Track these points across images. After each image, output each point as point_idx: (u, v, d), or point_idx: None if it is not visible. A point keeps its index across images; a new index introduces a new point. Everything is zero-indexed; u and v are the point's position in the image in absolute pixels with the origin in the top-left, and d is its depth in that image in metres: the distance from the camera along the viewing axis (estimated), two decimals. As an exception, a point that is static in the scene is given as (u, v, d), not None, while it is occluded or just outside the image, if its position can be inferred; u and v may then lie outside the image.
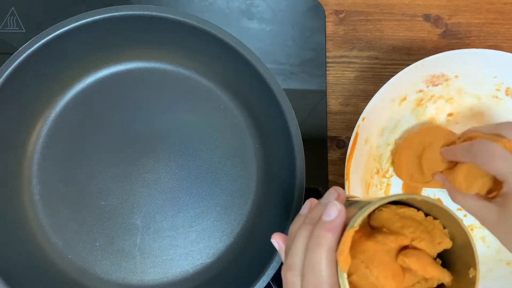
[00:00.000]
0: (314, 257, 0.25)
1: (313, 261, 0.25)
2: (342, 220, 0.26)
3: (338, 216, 0.26)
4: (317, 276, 0.25)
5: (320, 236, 0.25)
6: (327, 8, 0.50)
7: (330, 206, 0.26)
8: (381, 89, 0.39)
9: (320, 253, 0.25)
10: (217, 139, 0.44)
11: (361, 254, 0.25)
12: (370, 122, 0.40)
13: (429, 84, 0.42)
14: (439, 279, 0.26)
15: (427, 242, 0.26)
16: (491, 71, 0.41)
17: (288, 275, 0.27)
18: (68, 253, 0.41)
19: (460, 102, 0.44)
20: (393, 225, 0.26)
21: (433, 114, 0.45)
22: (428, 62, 0.39)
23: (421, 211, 0.27)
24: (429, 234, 0.26)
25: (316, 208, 0.28)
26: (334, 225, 0.25)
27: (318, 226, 0.26)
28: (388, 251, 0.25)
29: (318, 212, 0.28)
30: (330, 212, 0.26)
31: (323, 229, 0.25)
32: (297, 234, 0.27)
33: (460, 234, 0.26)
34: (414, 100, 0.43)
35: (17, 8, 0.47)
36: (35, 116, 0.43)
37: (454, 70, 0.41)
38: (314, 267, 0.25)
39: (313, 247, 0.25)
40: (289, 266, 0.27)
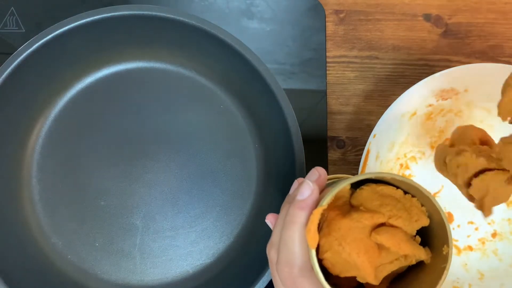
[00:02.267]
0: (287, 234, 0.26)
1: (286, 238, 0.26)
2: (314, 198, 0.27)
3: (311, 195, 0.27)
4: (289, 252, 0.26)
5: (293, 214, 0.26)
6: (327, 8, 0.50)
7: (303, 185, 0.27)
8: (392, 105, 0.39)
9: (293, 230, 0.26)
10: (217, 139, 0.44)
11: (335, 232, 0.26)
12: (380, 138, 0.40)
13: (438, 98, 0.42)
14: (415, 256, 0.26)
15: (404, 220, 0.26)
16: (501, 85, 0.41)
17: (271, 252, 0.28)
18: (67, 254, 0.41)
19: (470, 115, 0.44)
20: (371, 204, 0.27)
21: (442, 128, 0.45)
22: (438, 77, 0.39)
23: (400, 189, 0.28)
24: (406, 211, 0.26)
25: (296, 188, 0.29)
26: (306, 204, 0.26)
27: (292, 205, 0.27)
28: (363, 228, 0.26)
29: (296, 192, 0.28)
30: (303, 191, 0.27)
31: (296, 207, 0.26)
32: (280, 213, 0.29)
33: (435, 212, 0.26)
34: (424, 115, 0.43)
35: (17, 8, 0.47)
36: (35, 116, 0.43)
37: (464, 84, 0.41)
38: (287, 244, 0.26)
39: (287, 225, 0.26)
40: (271, 243, 0.28)
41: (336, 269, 0.26)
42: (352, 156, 0.47)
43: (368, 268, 0.25)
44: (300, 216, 0.26)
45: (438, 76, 0.39)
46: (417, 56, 0.49)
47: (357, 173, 0.40)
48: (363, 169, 0.40)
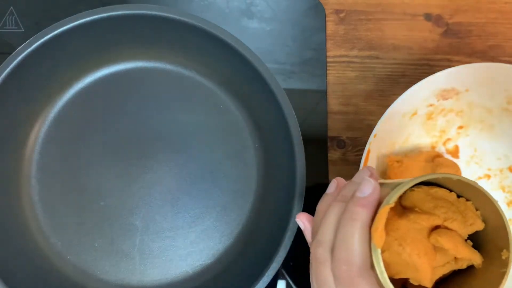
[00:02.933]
0: (346, 232, 0.25)
1: (346, 236, 0.25)
2: (376, 197, 0.26)
3: (373, 193, 0.26)
4: (349, 250, 0.25)
5: (354, 211, 0.25)
6: (328, 8, 0.50)
7: (365, 182, 0.26)
8: (392, 105, 0.39)
9: (354, 228, 0.25)
10: (217, 139, 0.44)
11: (394, 232, 0.25)
12: (381, 138, 0.40)
13: (439, 98, 0.42)
14: (470, 260, 0.26)
15: (459, 223, 0.26)
16: (502, 84, 0.41)
17: (319, 251, 0.27)
18: (67, 254, 0.41)
19: (471, 115, 0.44)
20: (425, 205, 0.26)
21: (443, 127, 0.45)
22: (439, 77, 0.39)
23: (453, 192, 0.27)
24: (461, 215, 0.26)
25: (348, 186, 0.29)
26: (368, 201, 0.26)
27: (352, 202, 0.26)
28: (421, 230, 0.26)
29: (350, 189, 0.28)
30: (364, 189, 0.26)
31: (357, 205, 0.26)
32: (329, 211, 0.28)
33: (494, 215, 0.25)
34: (425, 114, 0.43)
35: (16, 7, 0.47)
36: (34, 116, 0.43)
37: (465, 84, 0.41)
38: (346, 242, 0.25)
39: (346, 222, 0.25)
40: (320, 242, 0.27)
41: (392, 270, 0.25)
42: (352, 156, 0.47)
43: (427, 270, 0.25)
44: (361, 214, 0.25)
45: (438, 75, 0.39)
46: (418, 55, 0.49)
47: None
48: (364, 165, 0.39)
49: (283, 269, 0.43)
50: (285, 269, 0.43)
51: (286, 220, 0.38)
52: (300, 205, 0.38)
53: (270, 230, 0.40)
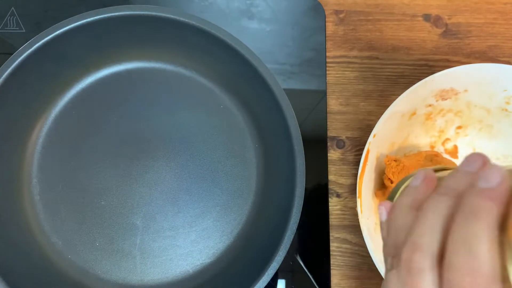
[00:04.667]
0: (468, 233, 0.19)
1: (468, 237, 0.19)
2: (507, 187, 0.20)
3: (503, 182, 0.19)
4: (473, 256, 0.19)
5: (477, 205, 0.20)
6: (327, 8, 0.50)
7: (491, 170, 0.20)
8: (391, 105, 0.39)
9: (479, 226, 0.19)
10: (217, 139, 0.44)
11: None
12: (380, 138, 0.40)
13: (438, 98, 0.42)
14: None
15: None
16: (501, 85, 0.41)
17: (416, 257, 0.21)
18: (68, 253, 0.41)
19: (469, 115, 0.44)
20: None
21: (442, 127, 0.45)
22: (438, 77, 0.39)
23: None
24: None
25: (455, 176, 0.22)
26: (498, 194, 0.19)
27: (473, 195, 0.20)
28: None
29: (460, 180, 0.22)
30: (491, 177, 0.20)
31: (483, 197, 0.20)
32: (428, 207, 0.22)
33: None
34: (424, 114, 0.43)
35: (17, 8, 0.47)
36: (35, 116, 0.43)
37: (464, 84, 0.41)
38: (470, 246, 0.19)
39: (467, 219, 0.20)
40: (417, 245, 0.21)
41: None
42: (352, 156, 0.47)
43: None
44: (489, 210, 0.19)
45: (437, 76, 0.39)
46: (417, 56, 0.49)
47: (356, 172, 0.40)
48: (363, 169, 0.40)
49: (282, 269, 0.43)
50: (284, 268, 0.43)
51: (286, 220, 0.38)
52: (300, 205, 0.38)
53: (270, 230, 0.40)
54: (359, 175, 0.39)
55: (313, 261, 0.44)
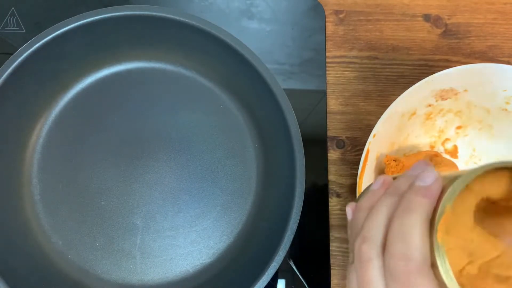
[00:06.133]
0: (404, 224, 0.22)
1: (403, 229, 0.22)
2: (438, 187, 0.23)
3: (436, 182, 0.23)
4: (406, 244, 0.22)
5: (413, 201, 0.23)
6: (327, 8, 0.50)
7: (426, 171, 0.23)
8: (391, 105, 0.39)
9: (412, 219, 0.22)
10: (217, 139, 0.44)
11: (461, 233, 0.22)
12: (380, 138, 0.40)
13: (438, 98, 0.42)
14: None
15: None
16: (501, 85, 0.41)
17: (364, 248, 0.24)
18: (68, 253, 0.41)
19: (469, 115, 0.44)
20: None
21: (442, 127, 0.45)
22: (438, 77, 0.39)
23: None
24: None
25: (401, 179, 0.26)
26: (431, 191, 0.23)
27: (411, 192, 0.23)
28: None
29: (404, 182, 0.25)
30: (426, 177, 0.23)
31: (418, 194, 0.23)
32: (377, 205, 0.25)
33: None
34: (424, 114, 0.43)
35: (17, 8, 0.47)
36: (35, 116, 0.43)
37: (464, 84, 0.41)
38: (404, 235, 0.22)
39: (403, 214, 0.23)
40: (366, 237, 0.24)
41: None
42: (351, 156, 0.47)
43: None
44: (423, 205, 0.22)
45: (437, 76, 0.39)
46: (417, 56, 0.49)
47: (356, 172, 0.40)
48: (362, 169, 0.40)
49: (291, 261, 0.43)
50: (284, 268, 0.43)
51: (286, 220, 0.38)
52: (300, 205, 0.38)
53: (270, 229, 0.40)
54: (359, 175, 0.39)
55: (313, 261, 0.44)
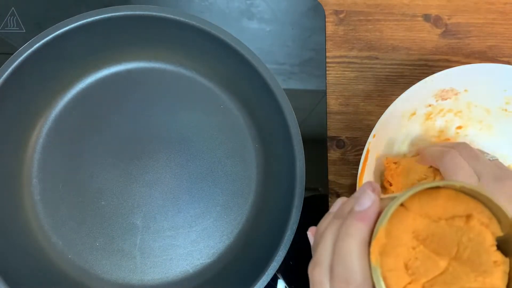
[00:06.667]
0: (343, 248, 0.23)
1: (343, 253, 0.23)
2: (375, 210, 0.24)
3: (372, 206, 0.24)
4: (347, 268, 0.23)
5: (350, 225, 0.24)
6: (327, 8, 0.50)
7: (363, 196, 0.24)
8: (391, 106, 0.39)
9: (351, 243, 0.23)
10: (217, 139, 0.44)
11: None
12: (380, 138, 0.40)
13: (438, 98, 0.42)
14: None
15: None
16: (501, 85, 0.41)
17: (315, 272, 0.25)
18: (68, 253, 0.41)
19: (469, 115, 0.44)
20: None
21: (442, 127, 0.45)
22: (438, 77, 0.39)
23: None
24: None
25: (347, 202, 0.27)
26: (367, 215, 0.24)
27: (349, 216, 0.24)
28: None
29: (349, 205, 0.26)
30: (363, 202, 0.24)
31: (354, 218, 0.24)
32: (326, 229, 0.26)
33: (506, 223, 0.23)
34: (424, 115, 0.43)
35: (17, 8, 0.47)
36: (35, 116, 0.43)
37: (464, 84, 0.41)
38: (344, 259, 0.23)
39: (343, 238, 0.24)
40: (316, 262, 0.25)
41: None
42: (352, 156, 0.47)
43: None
44: (359, 228, 0.23)
45: (437, 76, 0.39)
46: (417, 56, 0.50)
47: (356, 172, 0.40)
48: (362, 169, 0.40)
49: (281, 268, 0.43)
50: (284, 268, 0.43)
51: (286, 220, 0.38)
52: (300, 205, 0.38)
53: (270, 229, 0.40)
54: (359, 176, 0.39)
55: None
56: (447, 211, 0.24)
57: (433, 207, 0.24)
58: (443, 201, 0.24)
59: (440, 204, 0.24)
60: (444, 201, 0.24)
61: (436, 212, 0.24)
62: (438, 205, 0.24)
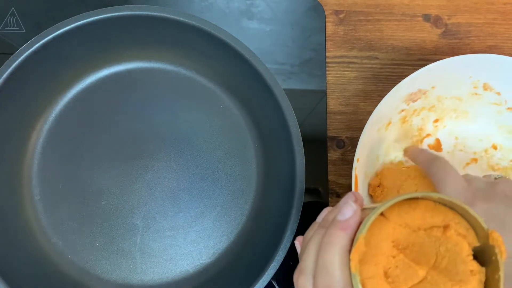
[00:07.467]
0: (325, 256, 0.24)
1: (325, 261, 0.24)
2: (356, 220, 0.25)
3: (353, 216, 0.25)
4: (329, 275, 0.24)
5: (332, 235, 0.25)
6: (327, 8, 0.50)
7: (345, 206, 0.26)
8: (364, 128, 0.39)
9: (332, 252, 0.24)
10: (217, 139, 0.44)
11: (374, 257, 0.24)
12: (364, 159, 0.41)
13: (409, 101, 0.43)
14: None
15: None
16: (465, 73, 0.42)
17: (300, 280, 0.26)
18: (68, 253, 0.41)
19: (442, 107, 0.45)
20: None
21: (420, 125, 0.45)
22: (403, 85, 0.40)
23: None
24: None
25: (331, 212, 0.28)
26: (348, 224, 0.25)
27: (331, 226, 0.25)
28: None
29: (332, 215, 0.27)
30: (345, 212, 0.25)
31: (337, 227, 0.25)
32: (311, 239, 0.27)
33: (482, 234, 0.24)
34: (399, 120, 0.44)
35: (17, 8, 0.47)
36: (35, 116, 0.43)
37: (430, 83, 0.42)
38: (326, 267, 0.24)
39: (325, 246, 0.25)
40: (301, 270, 0.26)
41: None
42: (351, 156, 0.47)
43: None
44: (341, 237, 0.24)
45: (402, 84, 0.40)
46: (417, 56, 0.50)
47: (356, 173, 0.40)
48: (355, 190, 0.40)
49: (281, 269, 0.43)
50: (284, 268, 0.43)
51: (286, 220, 0.38)
52: (300, 205, 0.38)
53: (270, 229, 0.40)
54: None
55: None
56: (426, 221, 0.25)
57: (412, 217, 0.25)
58: (422, 212, 0.25)
59: (418, 215, 0.25)
60: (423, 211, 0.25)
61: (415, 222, 0.25)
62: (417, 216, 0.25)
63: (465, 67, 0.41)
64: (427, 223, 0.25)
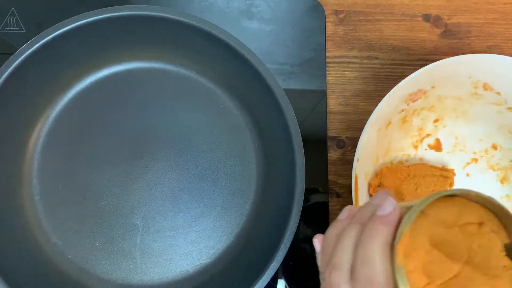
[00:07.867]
0: (367, 250, 0.25)
1: (366, 254, 0.24)
2: (397, 215, 0.25)
3: (393, 211, 0.26)
4: (370, 268, 0.24)
5: (374, 229, 0.25)
6: (327, 8, 0.50)
7: (385, 202, 0.26)
8: (364, 129, 0.39)
9: (374, 245, 0.24)
10: (217, 139, 0.44)
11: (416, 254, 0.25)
12: (364, 159, 0.41)
13: (409, 102, 0.43)
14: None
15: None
16: (464, 73, 0.42)
17: (334, 275, 0.26)
18: (68, 253, 0.41)
19: (442, 107, 0.45)
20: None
21: (420, 125, 0.45)
22: (403, 85, 0.40)
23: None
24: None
25: (365, 209, 0.28)
26: (390, 219, 0.25)
27: (372, 221, 0.26)
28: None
29: (367, 211, 0.27)
30: (386, 207, 0.26)
31: (378, 222, 0.25)
32: (344, 234, 0.27)
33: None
34: (399, 120, 0.44)
35: (17, 8, 0.47)
36: (35, 116, 0.43)
37: (430, 82, 0.42)
38: (367, 260, 0.24)
39: (366, 240, 0.25)
40: (336, 265, 0.26)
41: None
42: (351, 156, 0.47)
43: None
44: (383, 231, 0.25)
45: (402, 85, 0.40)
46: (417, 56, 0.50)
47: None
48: (355, 194, 0.40)
49: (282, 268, 0.43)
50: (284, 268, 0.43)
51: (286, 220, 0.38)
52: (300, 205, 0.38)
53: (270, 229, 0.40)
54: (354, 200, 0.39)
55: (313, 261, 0.44)
56: (461, 218, 0.26)
57: (449, 213, 0.26)
58: (458, 209, 0.26)
59: (455, 211, 0.26)
60: (459, 208, 0.26)
61: (451, 218, 0.26)
62: (454, 212, 0.26)
63: (465, 67, 0.41)
64: (462, 220, 0.26)
